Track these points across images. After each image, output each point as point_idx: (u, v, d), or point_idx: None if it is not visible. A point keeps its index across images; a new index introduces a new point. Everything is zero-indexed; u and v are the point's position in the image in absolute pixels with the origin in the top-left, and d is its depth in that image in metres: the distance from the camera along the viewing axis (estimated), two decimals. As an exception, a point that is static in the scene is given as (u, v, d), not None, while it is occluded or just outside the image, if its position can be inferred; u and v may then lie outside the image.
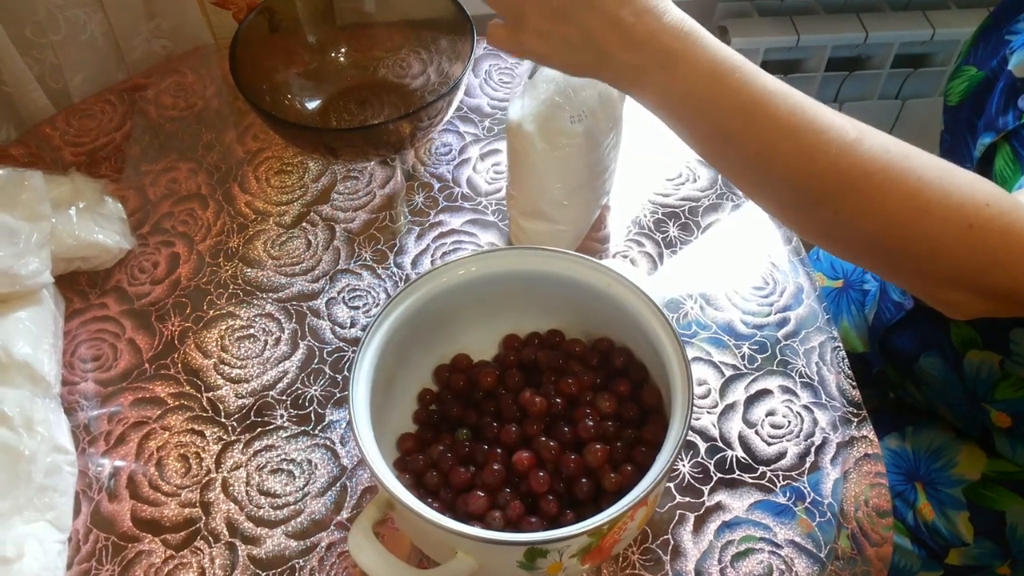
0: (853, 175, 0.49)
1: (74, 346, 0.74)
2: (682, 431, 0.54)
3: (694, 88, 0.50)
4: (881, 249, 0.51)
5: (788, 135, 0.49)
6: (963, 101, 0.66)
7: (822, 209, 0.51)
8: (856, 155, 0.48)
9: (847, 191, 0.49)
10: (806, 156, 0.49)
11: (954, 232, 0.48)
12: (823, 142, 0.49)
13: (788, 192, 0.52)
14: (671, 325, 0.59)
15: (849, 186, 0.49)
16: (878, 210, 0.49)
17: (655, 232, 0.81)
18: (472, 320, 0.67)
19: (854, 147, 0.48)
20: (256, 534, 0.64)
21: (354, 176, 0.86)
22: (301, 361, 0.73)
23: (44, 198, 0.73)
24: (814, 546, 0.63)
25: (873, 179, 0.48)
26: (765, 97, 0.49)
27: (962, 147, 0.67)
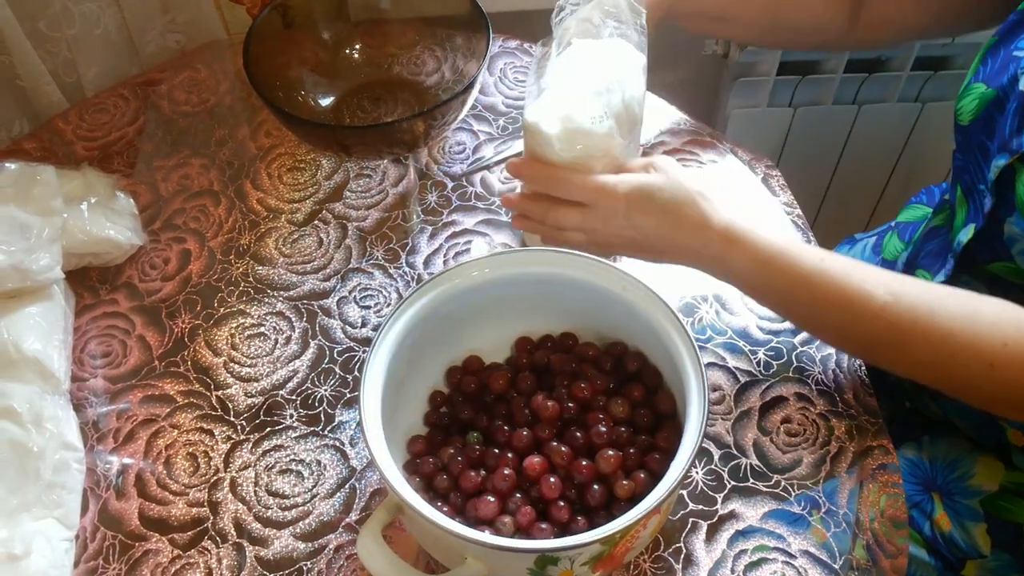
0: (888, 336, 0.59)
1: (84, 342, 0.74)
2: (697, 438, 0.53)
3: (747, 276, 0.64)
4: (926, 383, 0.62)
5: (830, 308, 0.60)
6: (974, 121, 0.66)
7: (869, 358, 0.66)
8: (889, 318, 0.58)
9: (885, 347, 0.60)
10: (847, 323, 0.60)
11: (978, 373, 0.57)
12: (860, 311, 0.59)
13: (839, 345, 0.69)
14: (686, 330, 0.58)
15: (886, 343, 0.60)
16: (913, 360, 0.59)
17: (670, 234, 0.80)
18: (484, 322, 0.66)
19: (887, 311, 0.58)
20: (264, 535, 0.63)
21: (367, 174, 0.85)
22: (311, 360, 0.72)
23: (56, 193, 0.73)
24: (828, 556, 0.62)
25: (905, 336, 0.58)
26: (808, 277, 0.60)
27: (975, 167, 0.67)
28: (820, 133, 1.28)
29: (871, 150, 1.29)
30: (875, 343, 0.61)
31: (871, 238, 0.92)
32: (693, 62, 1.25)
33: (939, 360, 0.58)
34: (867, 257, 0.90)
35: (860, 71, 1.21)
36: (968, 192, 0.69)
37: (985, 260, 0.67)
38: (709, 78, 1.28)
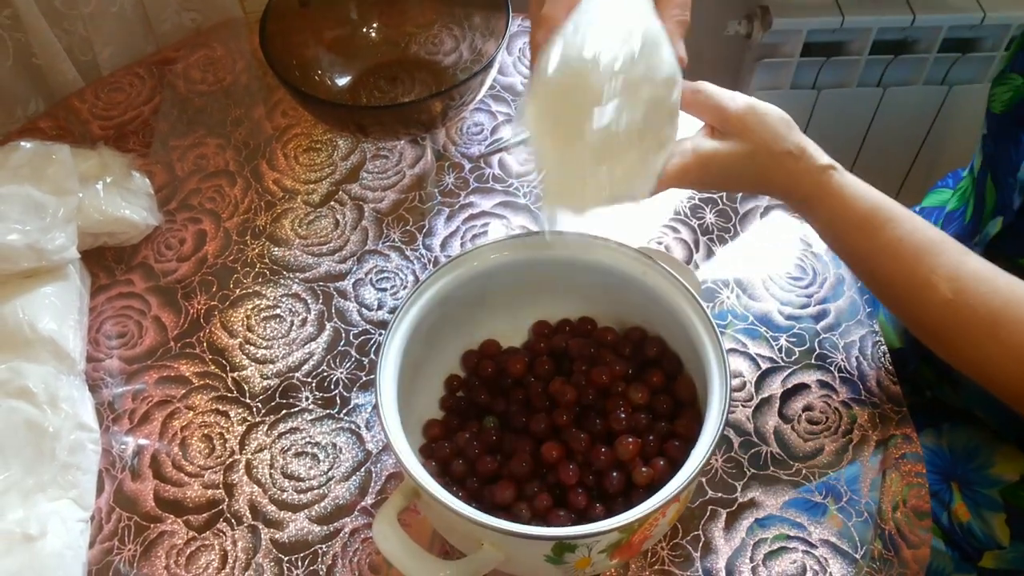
0: (944, 333, 0.58)
1: (99, 322, 0.73)
2: (718, 426, 0.52)
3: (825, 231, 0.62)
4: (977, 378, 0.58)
5: (897, 288, 0.59)
6: (1008, 111, 0.64)
7: (927, 344, 0.60)
8: (947, 315, 0.56)
9: (939, 341, 0.59)
10: (909, 309, 0.59)
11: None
12: (921, 301, 0.57)
13: (904, 322, 0.63)
14: (708, 315, 0.57)
15: (940, 338, 0.59)
16: (965, 358, 0.58)
17: (691, 218, 0.78)
18: (502, 305, 0.65)
19: (946, 308, 0.56)
20: (279, 518, 0.63)
21: (384, 155, 0.84)
22: (327, 343, 0.72)
23: (72, 172, 0.72)
24: (849, 546, 0.61)
25: (961, 334, 0.57)
26: (882, 252, 0.58)
27: (1005, 157, 0.65)
28: (844, 116, 1.25)
29: (896, 134, 1.27)
30: (930, 334, 0.59)
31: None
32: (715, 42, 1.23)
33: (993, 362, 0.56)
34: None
35: (886, 53, 1.19)
36: (997, 182, 0.67)
37: (1014, 253, 0.65)
38: (731, 59, 1.26)
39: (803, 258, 0.76)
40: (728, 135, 0.58)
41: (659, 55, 0.50)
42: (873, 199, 0.59)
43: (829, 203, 0.59)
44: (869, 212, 0.59)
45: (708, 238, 0.77)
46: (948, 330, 0.57)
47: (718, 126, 0.58)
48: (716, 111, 0.58)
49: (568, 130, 0.49)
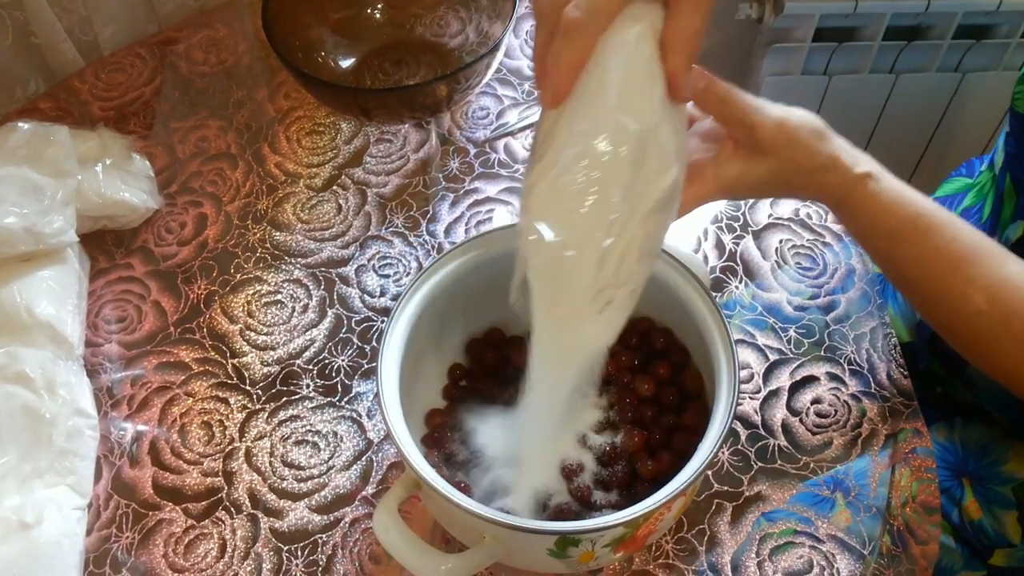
0: (975, 344, 0.56)
1: (98, 307, 0.72)
2: (726, 420, 0.51)
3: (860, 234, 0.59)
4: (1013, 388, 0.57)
5: (929, 297, 0.57)
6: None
7: (959, 351, 0.58)
8: (980, 327, 0.55)
9: (971, 351, 0.57)
10: (942, 318, 0.57)
11: None
12: (955, 311, 0.55)
13: (937, 330, 0.60)
14: (717, 307, 0.55)
15: (972, 349, 0.57)
16: (999, 369, 0.56)
17: (699, 206, 0.77)
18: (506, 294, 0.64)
19: (979, 319, 0.54)
20: (279, 506, 0.62)
21: (387, 139, 0.83)
22: (329, 330, 0.71)
23: (70, 154, 0.71)
24: (857, 542, 0.60)
25: (994, 347, 0.55)
26: (919, 261, 0.56)
27: None
28: (855, 103, 1.23)
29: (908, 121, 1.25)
30: (963, 343, 0.58)
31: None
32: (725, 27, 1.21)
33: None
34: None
35: (899, 39, 1.17)
36: (1017, 183, 0.66)
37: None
38: (741, 44, 1.24)
39: (813, 248, 0.74)
40: (754, 153, 0.53)
41: (656, 149, 0.45)
42: (911, 207, 0.55)
43: (861, 212, 0.56)
44: (905, 221, 0.55)
45: (717, 226, 0.76)
46: (981, 340, 0.56)
47: (744, 140, 0.53)
48: (743, 126, 0.53)
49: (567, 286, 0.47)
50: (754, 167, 0.53)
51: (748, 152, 0.53)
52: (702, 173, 0.54)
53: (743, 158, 0.53)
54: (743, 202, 0.77)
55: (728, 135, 0.54)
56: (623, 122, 0.44)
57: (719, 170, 0.54)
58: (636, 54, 0.44)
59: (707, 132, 0.56)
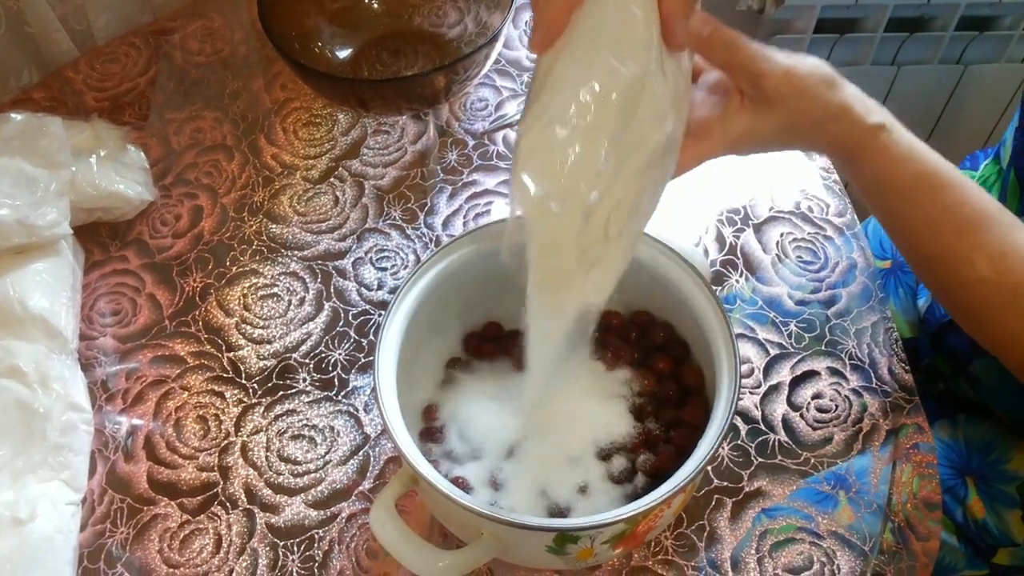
0: (975, 312, 0.55)
1: (93, 300, 0.72)
2: (727, 415, 0.51)
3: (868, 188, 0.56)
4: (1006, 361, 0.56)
5: (934, 259, 0.55)
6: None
7: (956, 319, 0.57)
8: (984, 295, 0.53)
9: (970, 319, 0.56)
10: (944, 281, 0.56)
11: None
12: (958, 275, 0.54)
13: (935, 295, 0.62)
14: (718, 301, 0.55)
15: (971, 317, 0.56)
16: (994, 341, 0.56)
17: (699, 199, 0.76)
18: (505, 287, 0.63)
19: (983, 287, 0.53)
20: (275, 502, 0.62)
21: (385, 130, 0.82)
22: (326, 323, 0.70)
23: (64, 145, 0.70)
24: (858, 538, 0.59)
25: (992, 315, 0.54)
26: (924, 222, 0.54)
27: None
28: (856, 95, 1.23)
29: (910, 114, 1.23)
30: (962, 310, 0.56)
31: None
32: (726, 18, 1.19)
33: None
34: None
35: (901, 30, 1.16)
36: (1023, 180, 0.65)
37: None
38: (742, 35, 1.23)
39: (814, 241, 0.74)
40: (761, 104, 0.51)
41: (650, 99, 0.44)
42: (922, 164, 0.53)
43: (871, 165, 0.54)
44: (916, 178, 0.53)
45: (717, 220, 0.75)
46: (982, 308, 0.54)
47: (750, 92, 0.51)
48: (750, 75, 0.50)
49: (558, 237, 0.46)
50: (762, 120, 0.51)
51: (755, 104, 0.51)
52: (707, 129, 0.51)
53: (750, 111, 0.51)
54: (744, 195, 0.76)
55: (735, 87, 0.51)
56: (613, 66, 0.42)
57: (725, 125, 0.51)
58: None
59: (714, 85, 0.53)
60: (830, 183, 0.77)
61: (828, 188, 0.77)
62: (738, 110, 0.51)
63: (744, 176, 0.78)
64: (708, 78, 0.54)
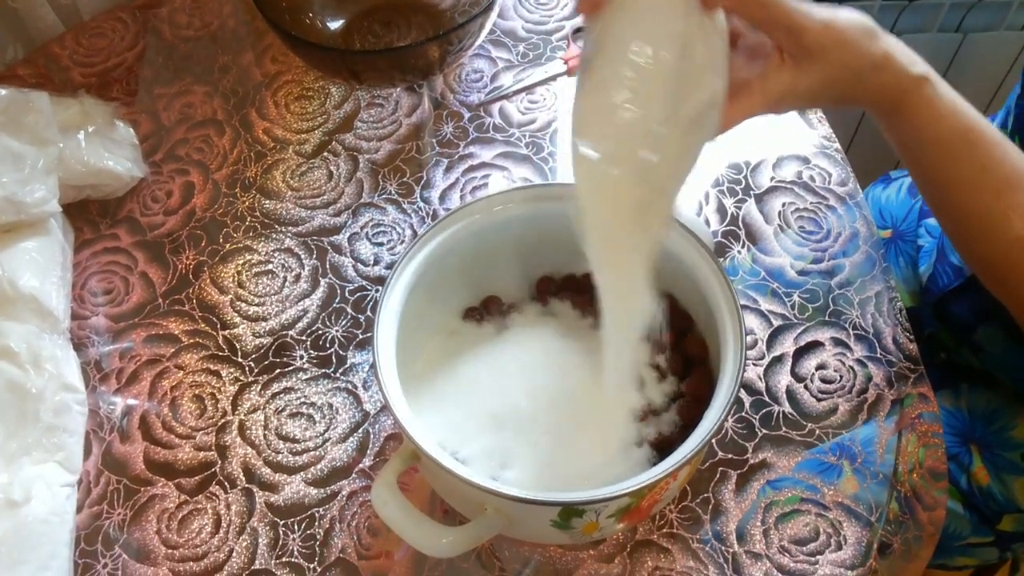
0: (1008, 272, 0.54)
1: (84, 279, 0.70)
2: (733, 387, 0.50)
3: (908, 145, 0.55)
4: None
5: (970, 217, 0.54)
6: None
7: (984, 278, 0.57)
8: (1018, 254, 0.53)
9: (999, 279, 0.55)
10: (977, 240, 0.55)
11: None
12: (992, 234, 0.53)
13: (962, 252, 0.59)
14: (722, 271, 0.54)
15: (1000, 277, 0.55)
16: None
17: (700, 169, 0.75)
18: (504, 261, 0.62)
19: (1017, 247, 0.52)
20: (274, 480, 0.61)
21: (379, 103, 0.81)
22: (322, 299, 0.69)
23: (51, 121, 0.69)
24: (864, 509, 0.59)
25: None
26: (964, 180, 0.53)
27: None
28: (854, 64, 1.21)
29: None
30: (993, 271, 0.55)
31: (906, 177, 0.88)
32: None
33: None
34: (903, 199, 0.85)
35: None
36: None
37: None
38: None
39: (817, 211, 0.73)
40: (802, 60, 0.50)
41: (692, 60, 0.44)
42: (964, 119, 0.52)
43: (913, 118, 0.53)
44: (956, 134, 0.52)
45: (718, 190, 0.74)
46: (1015, 269, 0.53)
47: (790, 48, 0.50)
48: (788, 32, 0.49)
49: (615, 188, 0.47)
50: (803, 75, 0.50)
51: (796, 60, 0.50)
52: (748, 88, 0.50)
53: (791, 67, 0.50)
54: (744, 165, 0.75)
55: (774, 46, 0.50)
56: (659, 29, 0.44)
57: (766, 83, 0.50)
58: None
59: (753, 48, 0.52)
60: (832, 152, 0.76)
61: (830, 157, 0.76)
62: (779, 67, 0.50)
63: (745, 146, 0.76)
64: (747, 42, 0.53)
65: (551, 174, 0.75)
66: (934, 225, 0.79)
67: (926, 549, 0.59)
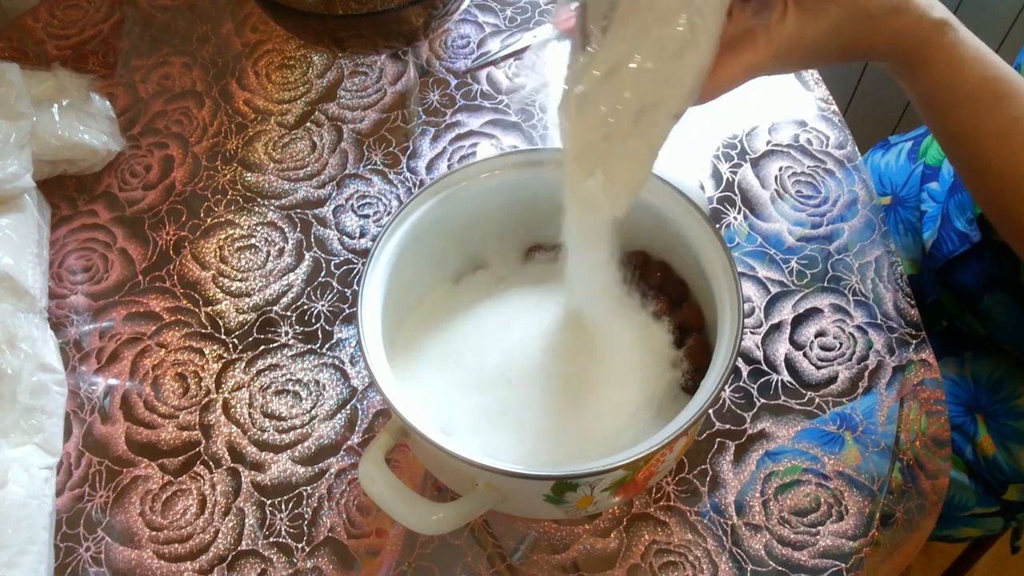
0: None
1: (62, 256, 0.68)
2: (730, 356, 0.48)
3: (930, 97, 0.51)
4: None
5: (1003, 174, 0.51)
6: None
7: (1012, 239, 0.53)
8: None
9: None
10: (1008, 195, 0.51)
11: None
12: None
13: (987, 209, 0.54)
14: (718, 235, 0.52)
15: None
16: None
17: (693, 132, 0.73)
18: (493, 230, 0.60)
19: None
20: (260, 459, 0.59)
21: (362, 71, 0.78)
22: (307, 274, 0.67)
23: (22, 93, 0.66)
24: (866, 479, 0.58)
25: None
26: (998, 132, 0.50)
27: None
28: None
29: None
30: (1019, 229, 0.52)
31: (906, 142, 0.86)
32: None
33: None
34: (903, 165, 0.83)
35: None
36: None
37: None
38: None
39: (814, 175, 0.71)
40: (811, 4, 0.46)
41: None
42: (992, 68, 0.49)
43: (938, 67, 0.48)
44: (986, 82, 0.48)
45: (713, 155, 0.72)
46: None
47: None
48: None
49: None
50: (812, 19, 0.46)
51: (804, 5, 0.46)
52: (753, 36, 0.46)
53: (797, 11, 0.46)
54: (740, 129, 0.73)
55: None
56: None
57: (772, 32, 0.46)
58: None
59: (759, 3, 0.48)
60: (829, 115, 0.74)
61: (827, 120, 0.74)
62: (783, 12, 0.46)
63: (740, 109, 0.74)
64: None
65: (541, 141, 0.73)
66: (937, 190, 0.77)
67: (929, 519, 0.57)
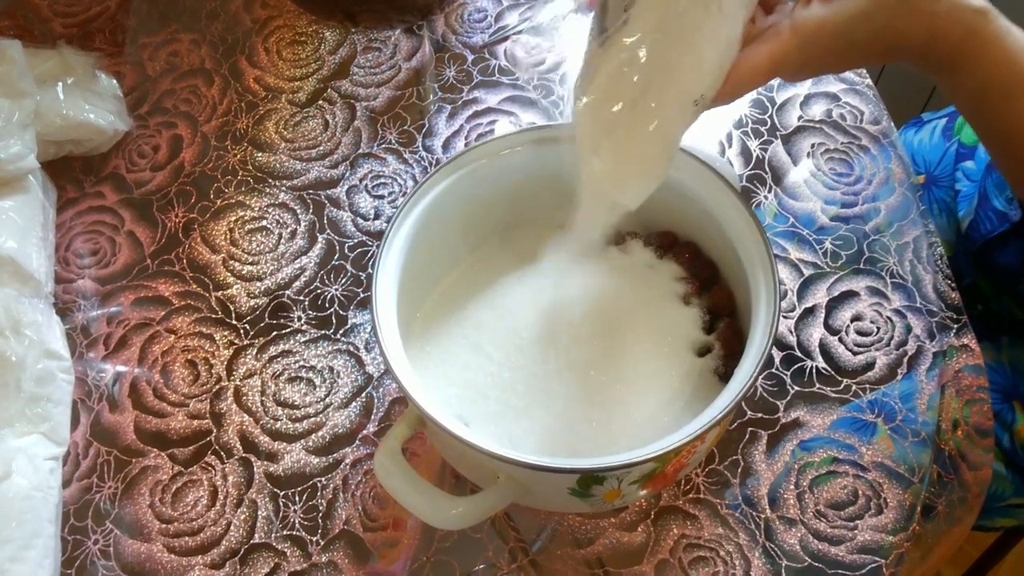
0: None
1: (69, 239, 0.67)
2: (766, 342, 0.45)
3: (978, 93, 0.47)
4: None
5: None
6: None
7: None
8: None
9: None
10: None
11: None
12: None
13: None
14: (752, 213, 0.49)
15: None
16: None
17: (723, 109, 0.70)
18: (514, 208, 0.58)
19: None
20: (273, 449, 0.57)
21: (376, 47, 0.76)
22: (320, 257, 0.65)
23: (25, 72, 0.64)
24: (905, 469, 0.55)
25: None
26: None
27: None
28: None
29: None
30: None
31: (941, 119, 0.82)
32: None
33: None
34: (937, 143, 0.80)
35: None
36: None
37: None
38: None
39: (848, 152, 0.68)
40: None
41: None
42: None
43: (984, 60, 0.44)
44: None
45: (742, 131, 0.69)
46: None
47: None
48: None
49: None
50: (841, 6, 0.42)
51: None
52: (776, 29, 0.43)
53: (821, 1, 0.43)
54: (769, 104, 0.70)
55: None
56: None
57: (797, 20, 0.43)
58: None
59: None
60: (863, 88, 0.71)
61: (861, 94, 0.71)
62: (804, 3, 0.43)
63: (770, 83, 0.71)
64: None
65: (561, 119, 0.70)
66: (972, 169, 0.73)
67: (971, 512, 0.55)
